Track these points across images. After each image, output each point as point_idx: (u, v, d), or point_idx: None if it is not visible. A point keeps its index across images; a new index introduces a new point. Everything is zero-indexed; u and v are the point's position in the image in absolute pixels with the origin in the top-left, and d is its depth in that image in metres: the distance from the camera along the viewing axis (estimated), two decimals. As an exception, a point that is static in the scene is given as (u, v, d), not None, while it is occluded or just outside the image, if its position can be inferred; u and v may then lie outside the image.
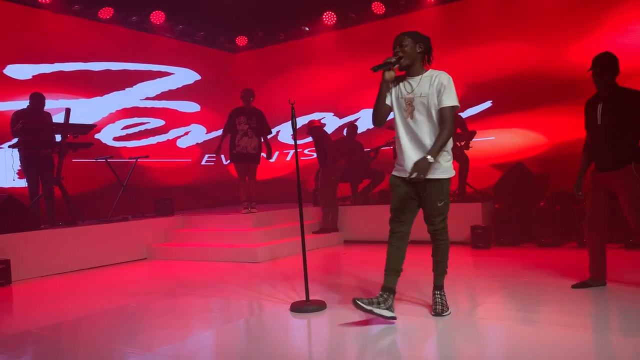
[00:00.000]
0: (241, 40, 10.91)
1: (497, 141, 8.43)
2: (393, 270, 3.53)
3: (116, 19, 8.97)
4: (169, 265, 6.54)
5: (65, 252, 6.31)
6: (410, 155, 3.42)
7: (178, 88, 10.13)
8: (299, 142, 5.47)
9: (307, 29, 10.25)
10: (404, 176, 3.44)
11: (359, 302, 3.30)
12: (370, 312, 3.31)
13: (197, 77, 10.53)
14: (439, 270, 3.69)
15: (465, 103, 8.57)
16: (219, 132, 10.48)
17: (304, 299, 3.96)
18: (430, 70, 3.50)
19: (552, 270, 4.86)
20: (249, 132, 7.21)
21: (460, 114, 8.08)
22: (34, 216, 6.33)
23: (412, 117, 3.42)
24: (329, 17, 9.78)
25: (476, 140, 7.51)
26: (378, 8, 9.27)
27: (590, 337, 3.12)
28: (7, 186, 7.31)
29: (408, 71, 3.50)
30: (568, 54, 7.69)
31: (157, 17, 9.33)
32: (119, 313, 4.22)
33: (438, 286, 3.65)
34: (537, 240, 6.40)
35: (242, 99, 7.31)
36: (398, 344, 3.14)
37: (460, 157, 7.25)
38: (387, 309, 3.37)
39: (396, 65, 3.46)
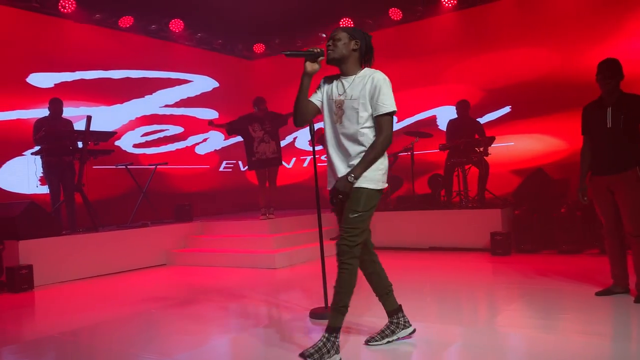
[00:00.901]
0: (258, 48, 10.98)
1: (517, 147, 8.35)
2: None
3: (136, 28, 9.10)
4: (188, 271, 6.58)
5: (85, 258, 6.38)
6: (338, 166, 3.00)
7: (196, 95, 10.22)
8: (316, 148, 5.47)
9: (324, 35, 10.27)
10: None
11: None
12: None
13: (215, 84, 10.61)
14: (335, 304, 2.92)
15: (483, 108, 8.52)
16: (238, 139, 10.53)
17: (323, 305, 3.95)
18: (365, 69, 3.04)
19: (574, 278, 4.80)
20: (265, 137, 7.24)
21: (479, 119, 8.03)
22: (56, 222, 6.42)
23: (340, 122, 2.98)
24: (346, 23, 9.78)
25: (495, 145, 7.44)
26: (395, 14, 9.26)
27: (612, 345, 3.06)
28: (29, 193, 7.43)
29: (342, 70, 3.05)
30: (588, 57, 7.59)
31: (176, 26, 9.44)
32: (137, 319, 4.26)
33: (328, 327, 2.91)
34: (558, 247, 6.31)
35: (254, 106, 7.34)
36: (417, 353, 3.11)
37: (479, 163, 7.20)
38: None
39: (320, 58, 3.01)
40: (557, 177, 7.12)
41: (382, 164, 2.97)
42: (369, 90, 2.92)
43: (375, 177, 2.93)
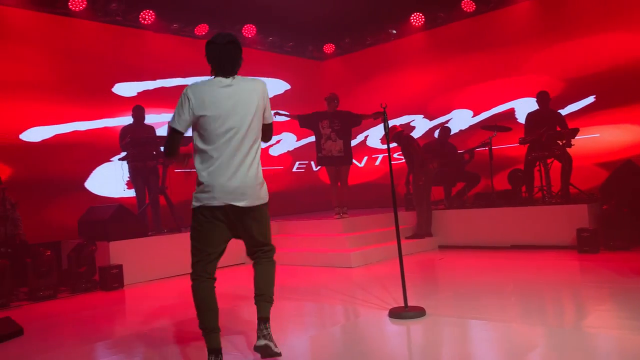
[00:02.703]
0: (328, 48, 11.05)
1: (602, 138, 7.89)
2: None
3: (211, 35, 9.39)
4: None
5: (170, 258, 6.67)
6: None
7: (269, 98, 10.40)
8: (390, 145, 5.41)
9: (394, 31, 10.18)
10: None
11: None
12: None
13: (287, 86, 10.77)
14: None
15: (565, 99, 8.13)
16: (309, 140, 10.64)
17: (401, 304, 3.91)
18: None
19: (672, 277, 4.47)
20: (332, 135, 7.27)
21: (560, 110, 7.66)
22: (142, 224, 6.76)
23: None
24: (417, 19, 9.65)
25: (579, 138, 7.07)
26: (468, 6, 9.01)
27: None
28: (117, 196, 7.87)
29: None
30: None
31: (249, 31, 9.68)
32: (221, 315, 4.38)
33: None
34: (652, 243, 5.92)
35: (327, 103, 7.38)
36: (501, 353, 3.01)
37: (562, 157, 6.86)
38: None
39: None
40: (648, 169, 6.66)
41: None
42: None
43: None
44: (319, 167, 7.65)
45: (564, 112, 7.80)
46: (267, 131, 3.20)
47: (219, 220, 2.97)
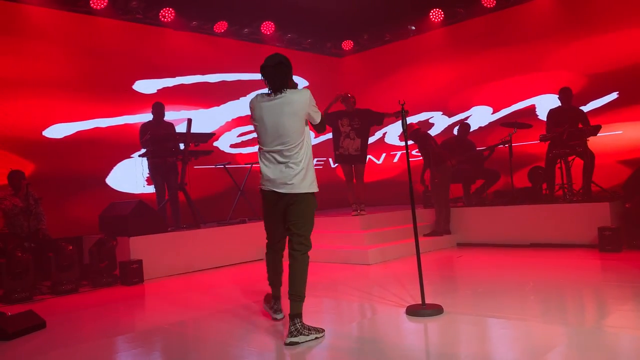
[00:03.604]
0: (347, 45, 11.03)
1: (625, 135, 7.75)
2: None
3: (230, 32, 9.46)
4: (283, 266, 6.73)
5: (189, 253, 6.74)
6: None
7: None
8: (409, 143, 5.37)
9: (413, 28, 10.12)
10: None
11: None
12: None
13: (305, 83, 10.78)
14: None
15: (587, 95, 8.00)
16: (328, 136, 10.64)
17: (419, 302, 3.90)
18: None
19: (697, 277, 4.38)
20: (350, 133, 7.25)
21: (582, 107, 7.54)
22: (162, 219, 6.82)
23: None
24: (436, 15, 9.57)
25: (601, 135, 6.95)
26: (488, 1, 8.92)
27: None
28: (137, 192, 7.96)
29: None
30: None
31: (267, 28, 9.71)
32: (238, 311, 4.43)
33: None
34: (677, 242, 5.79)
35: (343, 103, 7.34)
36: (521, 352, 2.98)
37: (584, 154, 6.76)
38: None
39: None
40: (674, 166, 6.53)
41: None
42: None
43: None
44: (336, 164, 7.64)
45: (586, 108, 7.68)
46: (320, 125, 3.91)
47: None
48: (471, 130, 8.37)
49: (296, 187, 3.61)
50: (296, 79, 10.52)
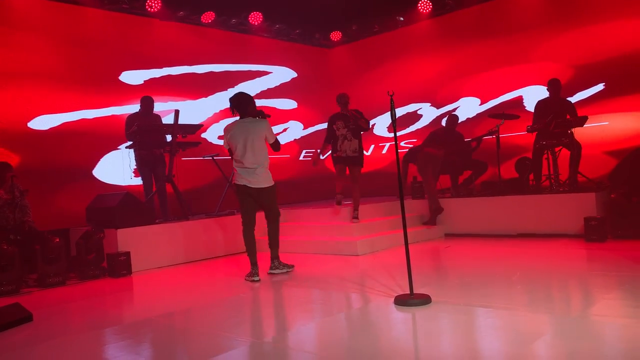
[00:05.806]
0: (335, 35, 10.99)
1: (611, 126, 7.83)
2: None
3: (217, 23, 9.38)
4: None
5: (177, 245, 6.72)
6: None
7: (276, 86, 10.41)
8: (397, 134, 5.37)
9: (401, 19, 10.11)
10: None
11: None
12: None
13: (294, 74, 10.74)
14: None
15: (574, 87, 8.06)
16: (316, 128, 10.60)
17: (407, 292, 3.92)
18: None
19: (680, 265, 4.44)
20: (347, 135, 7.16)
21: (570, 98, 7.59)
22: (150, 211, 6.78)
23: None
24: (425, 5, 9.56)
25: (588, 126, 7.01)
26: (476, -8, 8.93)
27: None
28: (124, 184, 7.91)
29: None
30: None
31: (255, 18, 9.64)
32: (227, 303, 4.43)
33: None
34: (661, 232, 5.87)
35: (338, 104, 7.23)
36: (507, 341, 3.01)
37: (570, 145, 6.82)
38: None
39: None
40: (658, 157, 6.60)
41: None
42: None
43: None
44: (327, 155, 7.57)
45: (572, 100, 7.72)
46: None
47: None
48: (459, 121, 8.40)
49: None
50: (284, 70, 10.55)
